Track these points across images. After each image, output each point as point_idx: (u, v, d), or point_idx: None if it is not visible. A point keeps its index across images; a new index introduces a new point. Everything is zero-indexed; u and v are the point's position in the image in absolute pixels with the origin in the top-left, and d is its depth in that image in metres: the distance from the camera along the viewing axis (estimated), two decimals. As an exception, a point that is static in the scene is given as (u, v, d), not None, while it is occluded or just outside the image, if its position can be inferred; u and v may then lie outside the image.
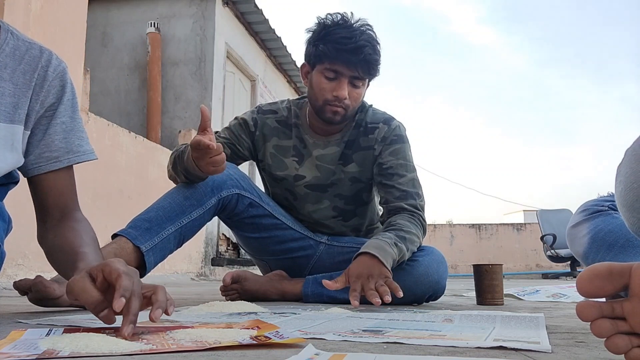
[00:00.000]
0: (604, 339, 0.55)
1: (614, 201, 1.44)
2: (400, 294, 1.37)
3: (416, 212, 1.69)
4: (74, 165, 1.16)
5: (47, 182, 1.13)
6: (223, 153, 1.44)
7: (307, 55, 1.73)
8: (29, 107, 1.09)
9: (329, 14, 1.69)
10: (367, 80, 1.70)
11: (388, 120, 1.80)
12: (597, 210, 1.46)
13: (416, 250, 1.66)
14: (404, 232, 1.59)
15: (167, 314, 0.82)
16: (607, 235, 1.38)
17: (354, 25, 1.66)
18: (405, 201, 1.69)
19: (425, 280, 1.64)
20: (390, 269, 1.47)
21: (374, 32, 1.68)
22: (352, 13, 1.68)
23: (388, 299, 1.34)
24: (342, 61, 1.63)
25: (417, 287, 1.62)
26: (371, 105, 1.85)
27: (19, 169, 1.15)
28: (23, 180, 1.25)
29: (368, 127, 1.79)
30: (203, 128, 1.42)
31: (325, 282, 1.43)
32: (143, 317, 0.82)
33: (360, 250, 1.49)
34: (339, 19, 1.67)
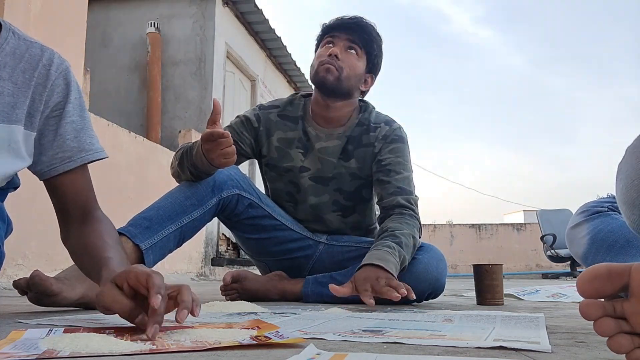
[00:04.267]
0: (606, 338, 0.55)
1: (613, 202, 1.44)
2: (413, 295, 1.38)
3: (409, 206, 1.71)
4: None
5: (63, 183, 1.13)
6: (234, 145, 1.47)
7: (316, 44, 1.85)
8: (31, 107, 1.08)
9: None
10: (362, 52, 1.78)
11: (390, 122, 1.86)
12: (596, 211, 1.46)
13: (416, 249, 1.66)
14: (400, 236, 1.59)
15: (193, 314, 0.81)
16: (606, 235, 1.37)
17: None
18: (400, 196, 1.71)
19: (425, 278, 1.64)
20: (395, 276, 1.47)
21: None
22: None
23: (404, 291, 1.35)
24: (338, 27, 1.77)
25: (416, 285, 1.62)
26: (374, 108, 1.89)
27: (33, 172, 1.14)
28: (24, 182, 1.25)
29: (371, 125, 1.83)
30: (213, 121, 1.43)
31: (332, 286, 1.43)
32: (167, 318, 0.83)
33: (363, 263, 1.49)
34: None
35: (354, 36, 1.75)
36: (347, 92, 1.78)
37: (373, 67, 1.82)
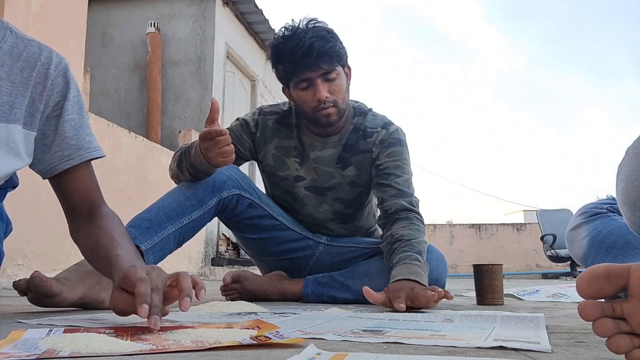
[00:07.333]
0: (605, 338, 0.55)
1: (612, 203, 1.44)
2: (451, 295, 1.36)
3: (413, 209, 1.68)
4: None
5: (66, 180, 1.13)
6: (231, 144, 1.46)
7: (278, 79, 1.76)
8: (30, 106, 1.08)
9: (276, 32, 1.71)
10: (337, 69, 1.68)
11: (387, 124, 1.81)
12: (596, 212, 1.46)
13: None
14: (417, 246, 1.56)
15: (197, 298, 0.87)
16: (606, 237, 1.37)
17: (299, 29, 1.66)
18: (402, 199, 1.69)
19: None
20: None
21: (321, 23, 1.69)
22: (292, 19, 1.69)
23: (435, 302, 1.33)
24: (302, 69, 1.64)
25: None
26: (370, 109, 1.85)
27: (37, 172, 1.14)
28: (23, 182, 1.25)
29: (367, 131, 1.79)
30: (211, 120, 1.43)
31: (367, 290, 1.38)
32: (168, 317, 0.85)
33: (396, 278, 1.44)
34: (284, 32, 1.68)
35: (323, 65, 1.64)
36: (345, 111, 1.76)
37: (346, 62, 1.74)
